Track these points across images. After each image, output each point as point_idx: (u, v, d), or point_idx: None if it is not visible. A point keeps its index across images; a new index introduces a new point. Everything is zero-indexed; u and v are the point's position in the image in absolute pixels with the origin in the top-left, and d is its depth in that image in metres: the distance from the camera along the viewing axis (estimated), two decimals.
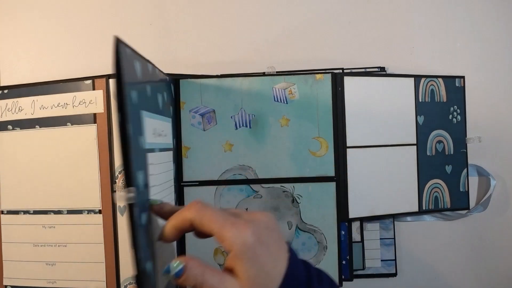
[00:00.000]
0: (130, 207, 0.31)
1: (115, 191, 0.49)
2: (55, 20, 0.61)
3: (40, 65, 0.61)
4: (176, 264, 0.31)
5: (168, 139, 0.48)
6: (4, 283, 0.57)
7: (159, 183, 0.40)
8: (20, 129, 0.57)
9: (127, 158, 0.31)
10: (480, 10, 0.60)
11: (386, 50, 0.59)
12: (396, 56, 0.59)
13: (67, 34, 0.61)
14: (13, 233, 0.56)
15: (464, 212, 0.58)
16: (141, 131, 0.35)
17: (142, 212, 0.32)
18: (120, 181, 0.50)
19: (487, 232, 0.60)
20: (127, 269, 0.50)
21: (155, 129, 0.40)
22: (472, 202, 0.60)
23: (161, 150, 0.43)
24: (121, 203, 0.49)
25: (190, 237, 0.53)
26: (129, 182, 0.31)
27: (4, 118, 0.58)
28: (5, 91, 0.57)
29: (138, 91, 0.36)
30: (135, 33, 0.61)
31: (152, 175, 0.37)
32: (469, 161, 0.58)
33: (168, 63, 0.60)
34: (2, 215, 0.57)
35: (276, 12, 0.60)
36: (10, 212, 0.57)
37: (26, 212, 0.56)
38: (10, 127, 0.58)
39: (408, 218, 0.58)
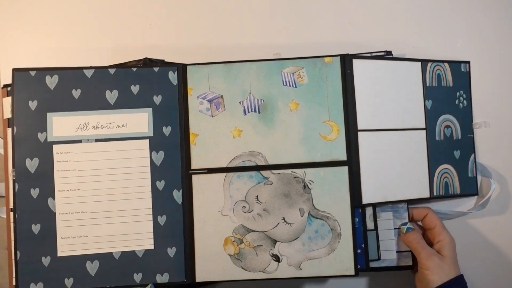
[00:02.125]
0: (13, 182, 0.48)
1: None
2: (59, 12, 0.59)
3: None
4: (409, 224, 0.52)
5: (133, 129, 0.50)
6: None
7: (93, 168, 0.49)
8: None
9: (13, 149, 0.48)
10: None
11: (392, 34, 0.58)
12: (402, 41, 0.58)
13: (68, 26, 0.59)
14: None
15: (465, 210, 0.57)
16: (43, 128, 0.49)
17: (28, 185, 0.48)
18: None
19: (493, 227, 0.58)
20: None
21: (86, 123, 0.49)
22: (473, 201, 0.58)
23: (109, 140, 0.50)
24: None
25: (199, 228, 0.50)
26: (13, 165, 0.48)
27: None
28: None
29: (42, 100, 0.49)
30: (143, 21, 0.59)
31: (67, 161, 0.49)
32: (478, 153, 0.58)
33: (175, 50, 0.58)
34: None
35: None
36: None
37: None
38: None
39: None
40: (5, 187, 0.52)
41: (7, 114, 0.53)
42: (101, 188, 0.49)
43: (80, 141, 0.49)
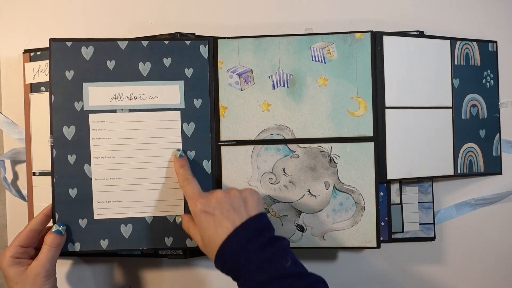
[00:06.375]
0: (51, 148, 0.48)
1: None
2: None
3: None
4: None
5: (165, 100, 0.50)
6: None
7: (127, 137, 0.49)
8: None
9: (51, 117, 0.48)
10: None
11: (422, 12, 0.56)
12: (431, 19, 0.56)
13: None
14: (45, 195, 0.53)
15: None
16: (79, 98, 0.49)
17: (66, 151, 0.48)
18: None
19: None
20: None
21: (120, 94, 0.49)
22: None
23: (142, 110, 0.49)
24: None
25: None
26: (51, 132, 0.48)
27: (37, 80, 0.55)
28: (38, 53, 0.55)
29: (78, 70, 0.49)
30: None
31: (103, 130, 0.49)
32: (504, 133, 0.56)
33: (205, 27, 0.57)
34: (34, 177, 0.54)
35: None
36: (42, 174, 0.54)
37: None
38: (43, 88, 0.55)
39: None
40: (26, 153, 0.54)
41: (29, 79, 0.54)
42: (134, 156, 0.49)
43: (114, 111, 0.49)
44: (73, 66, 0.49)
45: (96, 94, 0.49)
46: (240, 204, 0.42)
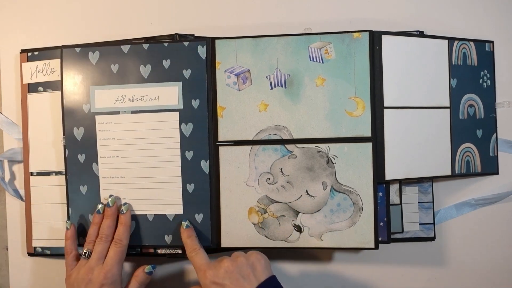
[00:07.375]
0: (64, 148, 0.50)
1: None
2: None
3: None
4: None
5: (164, 101, 0.50)
6: (33, 245, 0.53)
7: (129, 137, 0.50)
8: (52, 90, 0.54)
9: (63, 119, 0.50)
10: None
11: (424, 14, 0.55)
12: (430, 19, 0.55)
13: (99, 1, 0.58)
14: (42, 195, 0.53)
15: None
16: (87, 100, 0.50)
17: (76, 151, 0.50)
18: None
19: None
20: None
21: (123, 96, 0.50)
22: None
23: (143, 111, 0.50)
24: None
25: (225, 197, 0.50)
26: (63, 133, 0.51)
27: (34, 80, 0.54)
28: (35, 53, 0.54)
29: (86, 74, 0.50)
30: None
31: (108, 131, 0.50)
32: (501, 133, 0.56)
33: (204, 28, 0.56)
34: (31, 177, 0.54)
35: None
36: (39, 174, 0.54)
37: (58, 173, 0.53)
38: (41, 89, 0.54)
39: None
40: (23, 154, 0.54)
41: (27, 79, 0.54)
42: (136, 156, 0.50)
43: (118, 112, 0.50)
44: (81, 70, 0.51)
45: (102, 96, 0.50)
46: (248, 271, 0.43)
